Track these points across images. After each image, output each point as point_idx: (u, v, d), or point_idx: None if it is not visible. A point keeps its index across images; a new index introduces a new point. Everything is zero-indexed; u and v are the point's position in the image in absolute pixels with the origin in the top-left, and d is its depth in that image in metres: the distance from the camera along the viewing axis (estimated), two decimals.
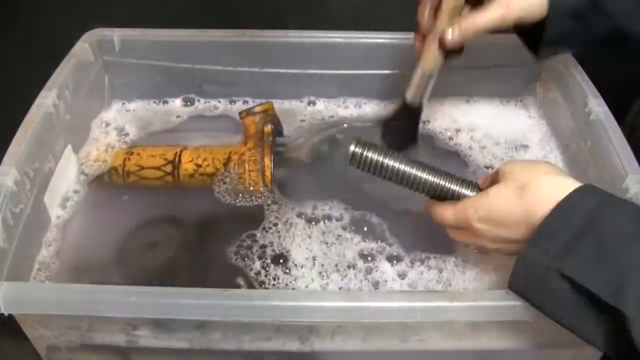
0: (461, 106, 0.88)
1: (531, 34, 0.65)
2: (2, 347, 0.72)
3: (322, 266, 0.67)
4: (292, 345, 0.58)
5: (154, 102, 0.89)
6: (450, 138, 0.83)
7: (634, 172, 0.62)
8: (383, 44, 0.84)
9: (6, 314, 0.52)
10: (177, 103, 0.89)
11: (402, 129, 0.68)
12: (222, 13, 1.19)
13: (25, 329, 0.58)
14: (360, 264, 0.67)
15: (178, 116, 0.87)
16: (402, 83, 0.78)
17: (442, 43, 0.62)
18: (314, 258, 0.67)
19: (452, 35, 0.61)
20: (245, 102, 0.89)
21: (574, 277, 0.46)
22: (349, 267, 0.67)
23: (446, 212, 0.59)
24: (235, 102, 0.89)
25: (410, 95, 0.68)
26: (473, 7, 0.63)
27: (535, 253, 0.48)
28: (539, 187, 0.51)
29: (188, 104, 0.89)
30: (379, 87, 0.87)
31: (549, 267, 0.47)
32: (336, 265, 0.67)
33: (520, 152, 0.81)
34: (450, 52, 0.64)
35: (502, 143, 0.82)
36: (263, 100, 0.76)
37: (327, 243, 0.69)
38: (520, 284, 0.51)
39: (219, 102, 0.89)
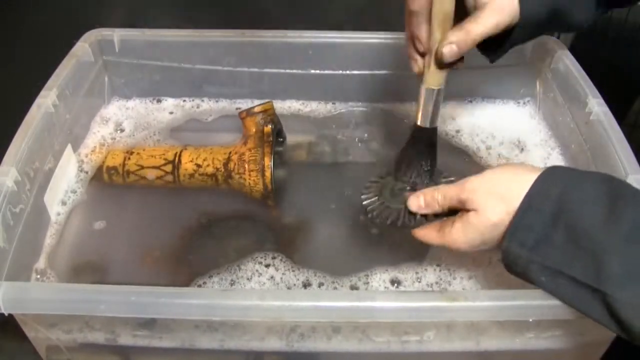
0: (462, 107, 0.88)
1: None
2: (2, 347, 0.72)
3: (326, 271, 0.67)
4: (292, 345, 0.58)
5: (154, 102, 0.89)
6: (453, 138, 0.83)
7: (634, 172, 0.62)
8: (383, 44, 0.84)
9: (6, 314, 0.52)
10: (176, 103, 0.89)
11: (420, 155, 0.64)
12: (222, 13, 1.19)
13: (25, 329, 0.58)
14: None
15: (177, 116, 0.87)
16: (403, 83, 0.77)
17: (440, 61, 0.59)
18: (313, 258, 0.67)
19: (450, 51, 0.58)
20: (245, 102, 0.89)
21: (555, 267, 0.48)
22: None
23: (431, 238, 0.58)
24: (235, 102, 0.89)
25: (421, 117, 0.63)
26: (460, 14, 0.59)
27: (513, 247, 0.50)
28: (521, 194, 0.50)
29: (188, 104, 0.89)
30: (379, 88, 0.87)
31: (529, 259, 0.49)
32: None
33: (520, 152, 0.81)
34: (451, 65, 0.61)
35: (505, 143, 0.82)
36: (263, 101, 0.76)
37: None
38: (511, 272, 0.52)
39: (219, 102, 0.89)
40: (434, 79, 0.61)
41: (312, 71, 0.87)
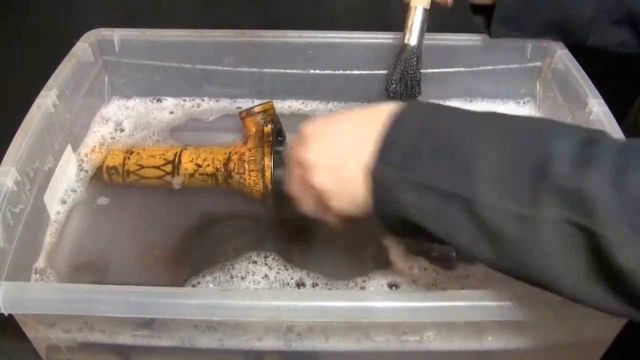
0: (462, 106, 0.88)
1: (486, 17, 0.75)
2: (2, 347, 0.72)
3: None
4: (290, 344, 0.58)
5: (154, 102, 0.89)
6: None
7: None
8: (383, 44, 0.84)
9: (6, 314, 0.52)
10: (176, 103, 0.89)
11: (405, 73, 0.72)
12: (222, 13, 1.19)
13: (25, 329, 0.58)
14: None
15: (178, 115, 0.87)
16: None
17: None
18: (312, 259, 0.67)
19: None
20: (245, 102, 0.89)
21: (424, 182, 0.44)
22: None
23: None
24: (235, 101, 0.89)
25: (408, 34, 0.72)
26: None
27: (380, 166, 0.46)
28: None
29: (188, 103, 0.89)
30: (379, 88, 0.87)
31: (401, 179, 0.45)
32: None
33: None
34: None
35: None
36: (263, 101, 0.76)
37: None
38: (380, 206, 0.47)
39: (219, 101, 0.89)
40: None
41: (312, 71, 0.87)
